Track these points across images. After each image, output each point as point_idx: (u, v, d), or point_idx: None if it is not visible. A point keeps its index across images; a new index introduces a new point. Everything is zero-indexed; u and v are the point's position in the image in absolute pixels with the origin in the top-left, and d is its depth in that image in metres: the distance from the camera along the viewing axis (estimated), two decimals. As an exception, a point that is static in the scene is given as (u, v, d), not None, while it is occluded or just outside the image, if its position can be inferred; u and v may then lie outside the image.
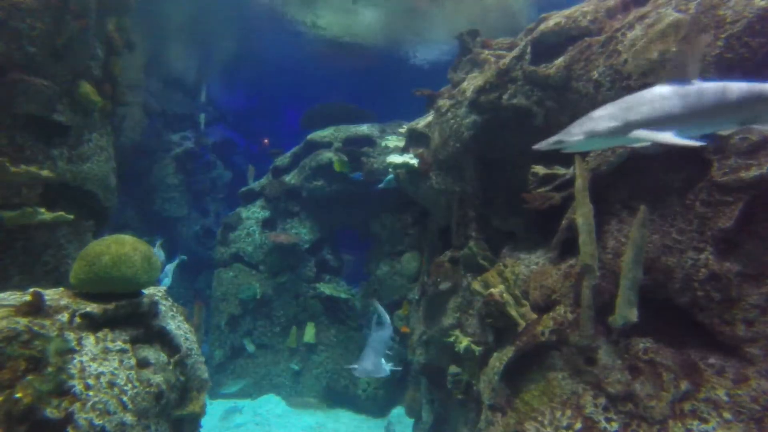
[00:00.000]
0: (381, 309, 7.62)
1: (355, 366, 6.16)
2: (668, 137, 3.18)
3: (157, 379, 3.67)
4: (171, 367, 3.94)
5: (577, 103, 4.83)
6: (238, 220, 12.00)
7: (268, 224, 11.88)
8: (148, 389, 3.53)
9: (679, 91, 3.27)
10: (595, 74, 4.61)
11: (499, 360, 4.96)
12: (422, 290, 7.82)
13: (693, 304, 3.87)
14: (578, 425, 3.94)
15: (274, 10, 12.42)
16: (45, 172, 5.07)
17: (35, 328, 3.13)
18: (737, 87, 3.26)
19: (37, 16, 5.11)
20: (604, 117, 3.35)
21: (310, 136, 11.90)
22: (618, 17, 4.81)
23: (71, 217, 5.27)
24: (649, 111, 3.26)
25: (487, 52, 6.98)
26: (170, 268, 10.13)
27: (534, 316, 4.83)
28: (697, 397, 3.66)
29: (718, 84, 3.25)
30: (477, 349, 5.59)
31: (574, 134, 3.40)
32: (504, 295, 5.03)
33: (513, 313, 4.92)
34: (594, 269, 4.10)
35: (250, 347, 11.21)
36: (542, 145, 3.50)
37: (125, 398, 3.30)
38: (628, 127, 3.30)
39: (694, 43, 3.36)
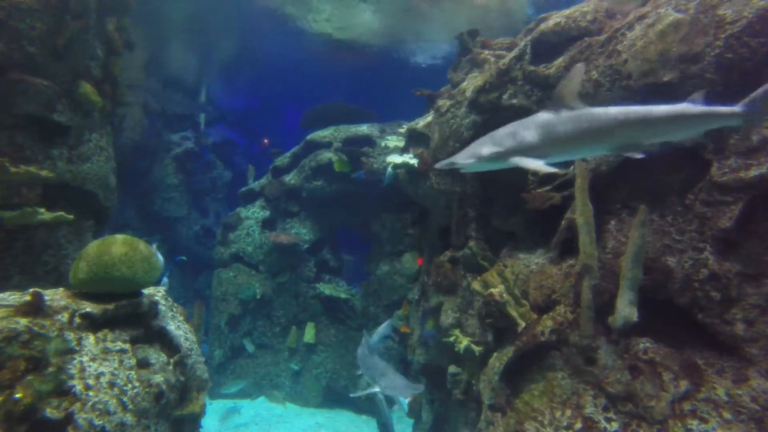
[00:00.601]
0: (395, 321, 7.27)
1: (376, 389, 5.46)
2: (535, 164, 3.39)
3: (157, 379, 3.67)
4: (171, 368, 3.94)
5: (577, 103, 4.82)
6: (238, 220, 12.00)
7: (267, 224, 11.88)
8: (148, 389, 3.53)
9: (549, 120, 3.47)
10: (594, 74, 4.61)
11: (499, 360, 4.96)
12: (422, 290, 7.82)
13: (693, 304, 3.87)
14: (578, 425, 3.94)
15: (274, 10, 12.42)
16: (45, 172, 5.07)
17: (35, 328, 3.13)
18: (609, 113, 3.42)
19: (37, 16, 5.11)
20: (489, 142, 3.59)
21: (309, 136, 11.90)
22: (618, 17, 4.81)
23: (71, 217, 5.27)
24: (525, 138, 3.46)
25: (486, 52, 6.98)
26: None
27: (534, 316, 4.83)
28: (697, 397, 3.66)
29: (590, 111, 3.42)
30: (477, 349, 5.59)
31: (465, 157, 3.64)
32: (504, 295, 5.03)
33: (513, 313, 4.92)
34: (594, 269, 4.10)
35: (250, 347, 11.21)
36: (440, 165, 3.76)
37: (125, 398, 3.30)
38: (509, 153, 3.51)
39: (572, 72, 3.57)
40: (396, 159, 7.73)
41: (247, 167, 14.45)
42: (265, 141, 20.15)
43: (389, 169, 8.58)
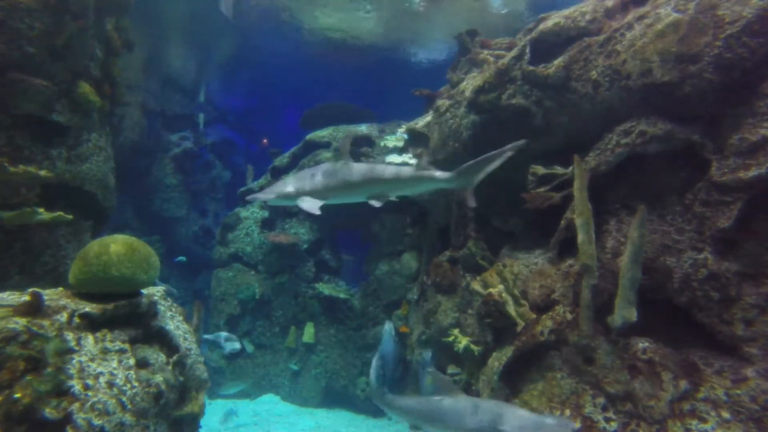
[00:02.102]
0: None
1: None
2: (305, 204, 4.38)
3: (156, 379, 3.66)
4: (170, 368, 3.94)
5: (576, 103, 4.83)
6: (237, 220, 11.99)
7: (267, 224, 11.87)
8: (147, 389, 3.52)
9: (326, 170, 4.57)
10: (594, 74, 4.61)
11: (498, 360, 4.96)
12: (421, 290, 7.82)
13: (692, 303, 3.88)
14: (577, 425, 3.94)
15: (274, 9, 12.41)
16: (44, 172, 5.06)
17: (34, 328, 3.12)
18: (362, 171, 4.56)
19: (36, 16, 5.10)
20: (282, 183, 4.62)
21: (309, 136, 11.88)
22: (617, 17, 4.81)
23: (70, 217, 5.26)
24: (306, 183, 4.52)
25: (486, 52, 6.98)
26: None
27: (533, 315, 4.83)
28: (696, 397, 3.66)
29: (350, 167, 4.55)
30: (476, 348, 5.59)
31: (269, 193, 4.64)
32: (503, 294, 5.04)
33: (512, 312, 4.92)
34: (593, 269, 4.10)
35: (249, 347, 11.19)
36: (249, 198, 4.89)
37: (124, 398, 3.30)
38: (298, 193, 4.51)
39: (345, 136, 4.99)
40: (395, 159, 7.73)
41: (246, 167, 14.44)
42: (265, 141, 20.14)
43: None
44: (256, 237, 11.64)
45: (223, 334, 10.00)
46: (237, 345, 9.84)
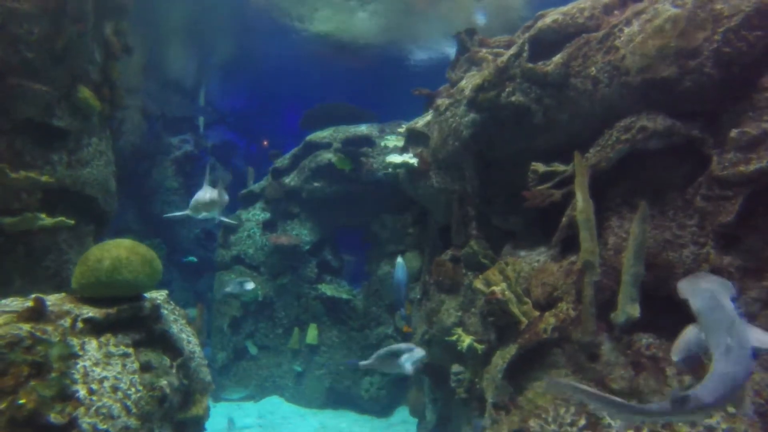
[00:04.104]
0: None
1: None
2: (177, 214, 6.13)
3: (160, 382, 3.67)
4: (174, 371, 3.94)
5: (576, 99, 4.82)
6: (239, 222, 12.00)
7: (268, 226, 11.87)
8: (151, 393, 3.53)
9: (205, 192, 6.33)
10: (593, 70, 4.60)
11: (501, 358, 4.96)
12: (423, 289, 7.82)
13: (695, 299, 3.86)
14: (582, 422, 3.93)
15: (274, 10, 12.41)
16: (44, 178, 5.07)
17: (38, 333, 3.13)
18: (203, 193, 6.52)
19: (35, 20, 5.11)
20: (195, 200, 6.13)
21: (309, 137, 11.87)
22: (615, 13, 4.80)
23: (72, 222, 5.27)
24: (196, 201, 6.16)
25: (485, 50, 6.98)
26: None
27: (536, 313, 4.83)
28: (701, 392, 3.65)
29: (203, 191, 6.63)
30: (479, 347, 5.59)
31: (187, 209, 6.01)
32: (506, 293, 5.03)
33: (515, 310, 4.92)
34: (595, 266, 4.10)
35: (253, 349, 11.20)
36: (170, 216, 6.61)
37: (128, 402, 3.30)
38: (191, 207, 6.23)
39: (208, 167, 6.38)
40: (395, 159, 7.73)
41: (247, 169, 14.43)
42: (265, 142, 20.14)
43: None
44: (258, 239, 11.65)
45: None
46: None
